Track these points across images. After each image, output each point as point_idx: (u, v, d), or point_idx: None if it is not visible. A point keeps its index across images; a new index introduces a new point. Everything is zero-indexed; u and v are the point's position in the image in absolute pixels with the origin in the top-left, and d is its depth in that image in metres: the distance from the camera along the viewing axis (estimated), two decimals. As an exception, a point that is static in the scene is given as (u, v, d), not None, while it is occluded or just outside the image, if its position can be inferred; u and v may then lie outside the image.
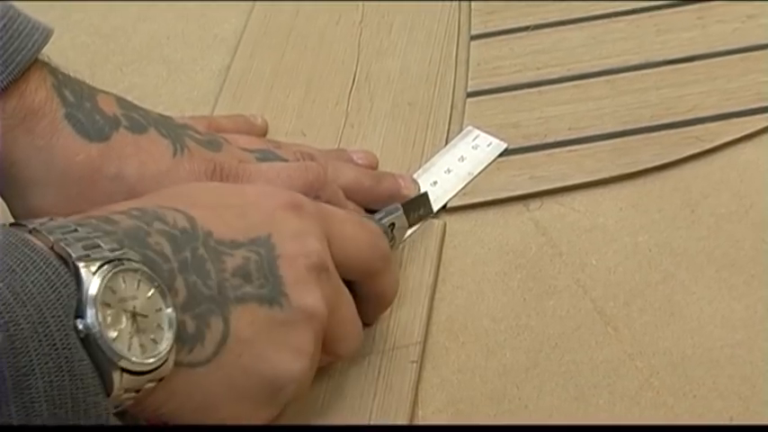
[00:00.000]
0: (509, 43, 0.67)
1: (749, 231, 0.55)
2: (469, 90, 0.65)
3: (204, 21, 0.73)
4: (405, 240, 0.56)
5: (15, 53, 0.48)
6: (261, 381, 0.43)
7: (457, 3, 0.71)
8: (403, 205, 0.54)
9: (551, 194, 0.58)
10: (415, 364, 0.50)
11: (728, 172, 0.58)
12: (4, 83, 0.47)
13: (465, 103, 0.64)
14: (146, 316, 0.38)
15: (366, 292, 0.49)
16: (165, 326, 0.39)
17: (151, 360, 0.38)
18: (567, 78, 0.64)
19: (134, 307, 0.38)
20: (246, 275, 0.43)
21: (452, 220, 0.58)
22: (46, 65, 0.50)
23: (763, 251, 0.53)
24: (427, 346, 0.52)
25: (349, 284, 0.48)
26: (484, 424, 0.48)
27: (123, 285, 0.38)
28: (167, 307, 0.39)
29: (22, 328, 0.34)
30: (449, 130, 0.62)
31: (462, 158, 0.60)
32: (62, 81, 0.50)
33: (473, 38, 0.68)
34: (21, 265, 0.35)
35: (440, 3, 0.71)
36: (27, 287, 0.35)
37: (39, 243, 0.37)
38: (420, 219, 0.56)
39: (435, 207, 0.57)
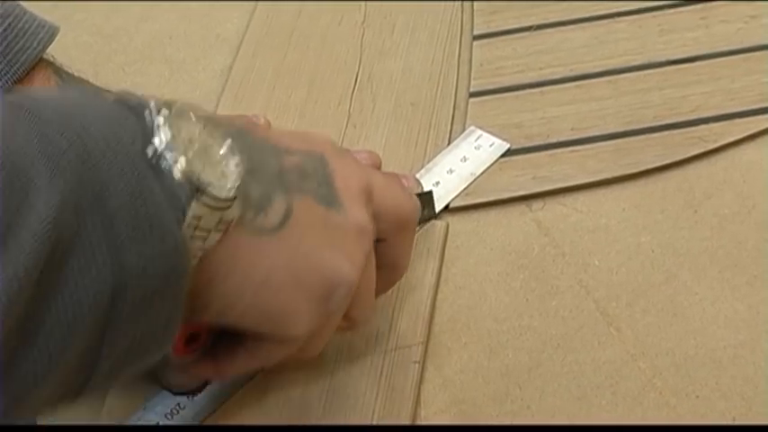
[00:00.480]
0: (512, 43, 0.67)
1: (752, 232, 0.55)
2: (472, 90, 0.65)
3: (207, 21, 0.73)
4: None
5: (20, 52, 0.48)
6: (319, 271, 0.42)
7: (459, 3, 0.71)
8: None
9: (554, 195, 0.58)
10: (417, 365, 0.50)
11: (731, 172, 0.58)
12: (9, 82, 0.47)
13: (468, 104, 0.64)
14: (211, 152, 0.37)
15: (383, 256, 0.48)
16: (232, 165, 0.37)
17: (221, 190, 0.36)
18: (569, 79, 0.64)
19: (200, 143, 0.37)
20: (304, 174, 0.42)
21: (455, 221, 0.57)
22: (51, 64, 0.50)
23: (765, 251, 0.53)
24: (430, 346, 0.52)
25: None
26: (485, 424, 0.48)
27: (188, 126, 0.37)
28: (233, 154, 0.38)
29: (97, 142, 0.33)
30: (451, 130, 0.62)
31: (465, 159, 0.60)
32: (66, 80, 0.50)
33: (476, 38, 0.68)
34: (90, 104, 0.35)
35: (442, 3, 0.71)
36: (99, 116, 0.35)
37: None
38: (424, 220, 0.56)
39: (438, 207, 0.57)
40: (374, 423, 0.48)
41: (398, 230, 0.48)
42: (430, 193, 0.57)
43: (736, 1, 0.66)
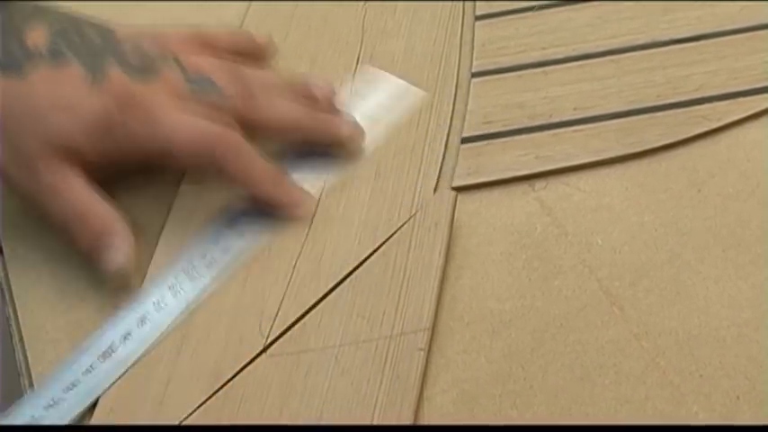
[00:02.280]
0: (514, 23, 0.67)
1: (756, 211, 0.54)
2: (474, 70, 0.64)
3: (207, 3, 0.73)
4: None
5: None
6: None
7: (461, -17, 0.70)
8: None
9: (557, 174, 0.58)
10: (422, 352, 0.50)
11: (735, 151, 0.57)
12: None
13: (470, 84, 0.63)
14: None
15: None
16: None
17: None
18: (572, 58, 0.64)
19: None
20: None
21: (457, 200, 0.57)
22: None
23: (770, 230, 0.53)
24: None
25: None
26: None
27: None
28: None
29: None
30: (453, 110, 0.62)
31: (381, 106, 0.62)
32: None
33: (478, 18, 0.68)
34: None
35: (444, -17, 0.70)
36: None
37: None
38: None
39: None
40: (377, 410, 0.48)
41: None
42: None
43: (741, -21, 0.66)
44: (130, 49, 0.55)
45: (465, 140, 0.60)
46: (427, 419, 0.48)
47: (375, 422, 0.47)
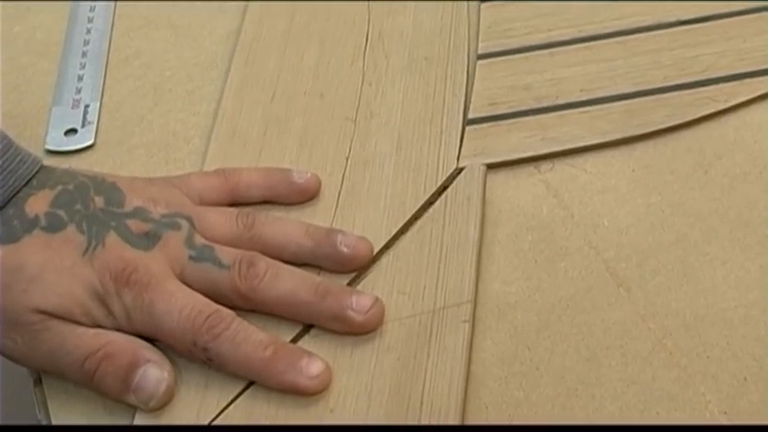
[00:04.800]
0: (520, 5, 0.67)
1: (763, 192, 0.54)
2: (480, 52, 0.64)
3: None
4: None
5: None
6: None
7: (466, -35, 0.70)
8: None
9: (563, 156, 0.57)
10: (467, 324, 0.50)
11: (742, 133, 0.57)
12: None
13: (476, 66, 0.63)
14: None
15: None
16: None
17: None
18: (578, 40, 0.63)
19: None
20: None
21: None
22: None
23: (777, 212, 0.53)
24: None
25: None
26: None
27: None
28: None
29: None
30: (467, 82, 0.62)
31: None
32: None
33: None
34: None
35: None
36: None
37: None
38: None
39: None
40: (426, 385, 0.48)
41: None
42: None
43: (748, -40, 0.65)
44: (135, 215, 0.52)
45: (470, 122, 0.59)
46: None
47: (425, 395, 0.47)
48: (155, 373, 0.48)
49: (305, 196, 0.56)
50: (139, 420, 0.48)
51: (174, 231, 0.52)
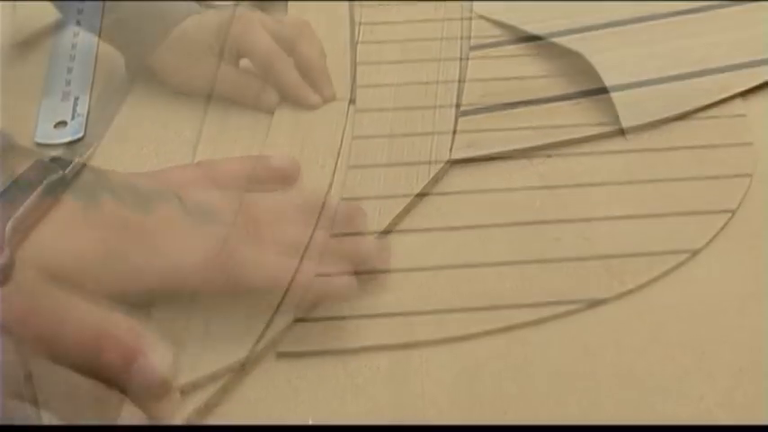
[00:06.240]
0: (512, -2, 0.67)
1: (758, 184, 0.54)
2: (472, 44, 0.64)
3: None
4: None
5: None
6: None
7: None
8: None
9: (556, 147, 0.57)
10: None
11: (737, 123, 0.57)
12: None
13: (468, 57, 0.63)
14: None
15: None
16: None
17: None
18: (572, 31, 0.63)
19: None
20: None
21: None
22: None
23: (772, 204, 0.53)
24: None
25: None
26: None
27: None
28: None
29: None
30: (460, 74, 0.62)
31: None
32: None
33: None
34: None
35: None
36: None
37: None
38: None
39: None
40: None
41: None
42: None
43: (742, -49, 0.65)
44: (124, 187, 0.50)
45: (463, 113, 0.59)
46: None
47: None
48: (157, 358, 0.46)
49: (286, 181, 0.54)
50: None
51: (167, 200, 0.51)
